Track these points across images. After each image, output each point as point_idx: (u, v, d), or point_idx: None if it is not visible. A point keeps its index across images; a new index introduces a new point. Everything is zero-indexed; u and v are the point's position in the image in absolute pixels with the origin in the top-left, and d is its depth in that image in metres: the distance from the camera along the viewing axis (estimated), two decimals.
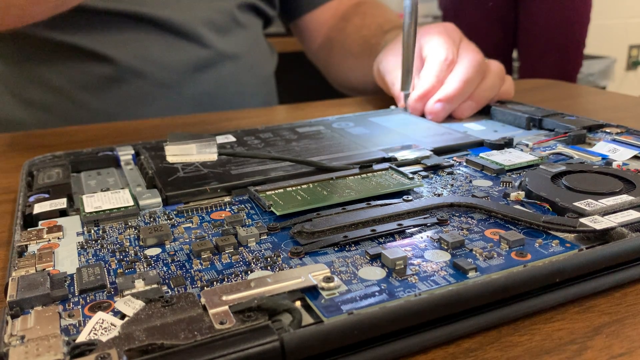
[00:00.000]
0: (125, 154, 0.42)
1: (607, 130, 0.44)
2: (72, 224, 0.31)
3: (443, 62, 0.50)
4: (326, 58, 0.80)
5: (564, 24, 1.41)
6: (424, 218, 0.29)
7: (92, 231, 0.30)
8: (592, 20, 1.46)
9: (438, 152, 0.40)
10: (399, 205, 0.30)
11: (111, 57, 0.63)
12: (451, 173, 0.37)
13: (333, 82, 0.83)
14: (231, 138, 0.45)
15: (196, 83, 0.67)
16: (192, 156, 0.34)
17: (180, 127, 0.57)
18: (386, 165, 0.37)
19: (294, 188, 0.34)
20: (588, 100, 0.67)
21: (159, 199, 0.33)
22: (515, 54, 1.56)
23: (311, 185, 0.34)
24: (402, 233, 0.28)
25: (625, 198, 0.30)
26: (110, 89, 0.65)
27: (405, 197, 0.33)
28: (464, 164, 0.38)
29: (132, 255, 0.27)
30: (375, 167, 0.37)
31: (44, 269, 0.26)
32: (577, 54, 1.50)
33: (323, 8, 0.79)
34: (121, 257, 0.27)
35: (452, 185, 0.35)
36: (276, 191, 0.33)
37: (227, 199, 0.34)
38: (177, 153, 0.34)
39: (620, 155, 0.39)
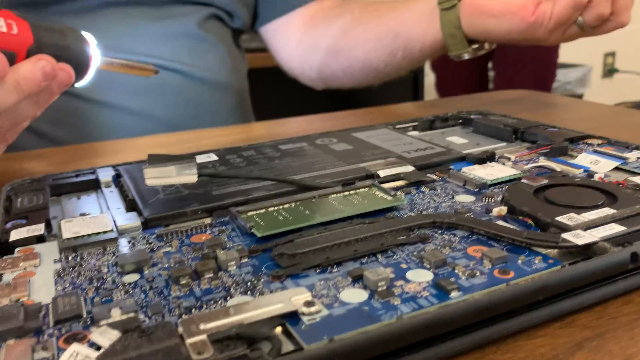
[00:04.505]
0: (106, 176, 0.42)
1: (589, 141, 0.45)
2: (49, 250, 0.30)
3: None
4: (342, 38, 0.71)
5: None
6: (407, 236, 0.29)
7: (70, 258, 0.29)
8: None
9: (420, 167, 0.40)
10: (381, 224, 0.30)
11: (70, 91, 0.62)
12: (434, 189, 0.37)
13: (344, 77, 0.73)
14: (213, 157, 0.44)
15: (166, 107, 0.66)
16: (171, 178, 0.34)
17: (160, 146, 0.57)
18: (369, 182, 0.37)
19: (276, 208, 0.33)
20: (565, 110, 0.67)
21: (139, 223, 0.33)
22: (490, 65, 1.58)
23: (293, 205, 0.34)
24: (384, 252, 0.28)
25: (607, 211, 0.30)
26: (77, 121, 0.63)
27: (387, 214, 0.32)
28: (447, 179, 0.38)
29: (110, 282, 0.26)
30: (358, 184, 0.36)
31: (18, 300, 0.25)
32: (551, 63, 1.52)
33: (302, 8, 0.76)
34: (99, 284, 0.26)
35: (434, 201, 0.34)
36: (258, 211, 0.33)
37: (208, 220, 0.33)
38: (156, 176, 0.33)
39: (602, 166, 0.39)
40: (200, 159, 0.44)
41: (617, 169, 0.39)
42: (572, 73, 2.01)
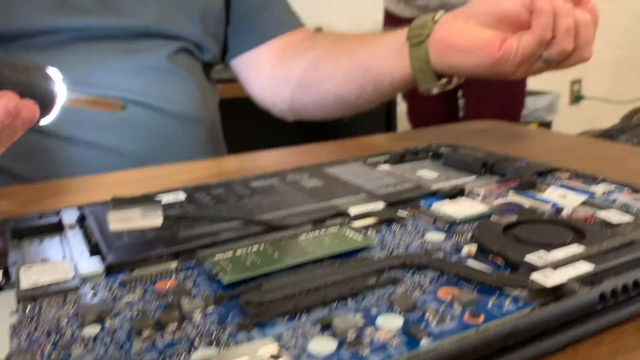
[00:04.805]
0: (70, 218, 0.40)
1: (557, 174, 0.45)
2: (6, 300, 0.29)
3: None
4: (300, 83, 0.73)
5: None
6: (377, 279, 0.29)
7: (28, 309, 0.28)
8: None
9: (391, 203, 0.40)
10: (351, 266, 0.30)
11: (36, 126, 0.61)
12: (404, 226, 0.36)
13: (315, 110, 0.74)
14: (181, 196, 0.44)
15: (136, 142, 0.65)
16: (136, 222, 0.33)
17: (128, 183, 0.55)
18: (339, 220, 0.36)
19: (243, 251, 0.33)
20: (533, 141, 0.68)
21: (102, 269, 0.32)
22: (460, 93, 1.61)
23: (262, 247, 0.33)
24: (354, 296, 0.27)
25: (575, 249, 0.30)
26: (42, 158, 0.62)
27: (358, 255, 0.32)
28: (417, 215, 0.38)
29: (69, 336, 0.25)
30: (329, 223, 0.36)
31: None
32: (520, 92, 1.55)
33: (272, 42, 0.77)
34: (57, 338, 0.25)
35: (405, 240, 0.34)
36: (225, 254, 0.32)
37: (174, 264, 0.32)
38: (120, 220, 0.32)
39: (570, 201, 0.39)
40: (168, 197, 0.43)
41: (584, 203, 0.39)
42: (540, 100, 2.06)
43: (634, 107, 1.19)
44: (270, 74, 0.77)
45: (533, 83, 1.96)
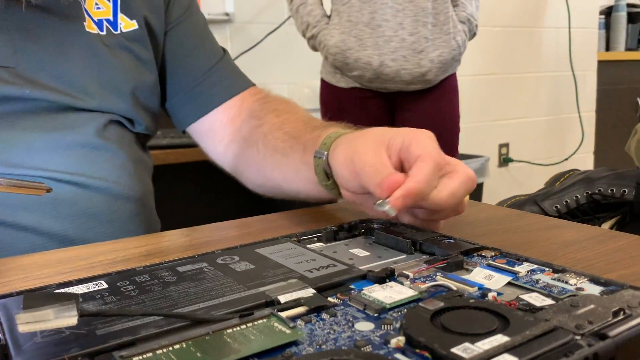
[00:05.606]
0: None
1: (483, 253, 0.46)
2: None
3: (436, 168, 0.50)
4: (241, 160, 0.78)
5: (436, 132, 1.53)
6: None
7: None
8: (466, 123, 1.61)
9: (322, 289, 0.40)
10: None
11: None
12: (334, 315, 0.36)
13: (253, 184, 0.79)
14: (103, 285, 0.41)
15: (60, 220, 0.62)
16: (48, 322, 0.31)
17: (49, 265, 0.53)
18: (267, 311, 0.35)
19: (164, 350, 0.31)
20: (464, 213, 0.70)
21: None
22: None
23: (184, 345, 0.31)
24: None
25: (500, 339, 0.30)
26: None
27: (285, 352, 0.31)
28: (348, 302, 0.38)
29: None
30: (257, 314, 0.35)
31: None
32: (452, 157, 1.61)
33: (221, 108, 0.80)
34: None
35: (334, 331, 0.34)
36: (144, 356, 0.30)
37: None
38: (31, 321, 0.30)
39: (495, 282, 0.40)
40: (88, 287, 0.41)
41: (509, 283, 0.40)
42: (471, 164, 2.15)
43: (556, 172, 1.26)
44: (224, 152, 0.80)
45: (464, 148, 2.06)
